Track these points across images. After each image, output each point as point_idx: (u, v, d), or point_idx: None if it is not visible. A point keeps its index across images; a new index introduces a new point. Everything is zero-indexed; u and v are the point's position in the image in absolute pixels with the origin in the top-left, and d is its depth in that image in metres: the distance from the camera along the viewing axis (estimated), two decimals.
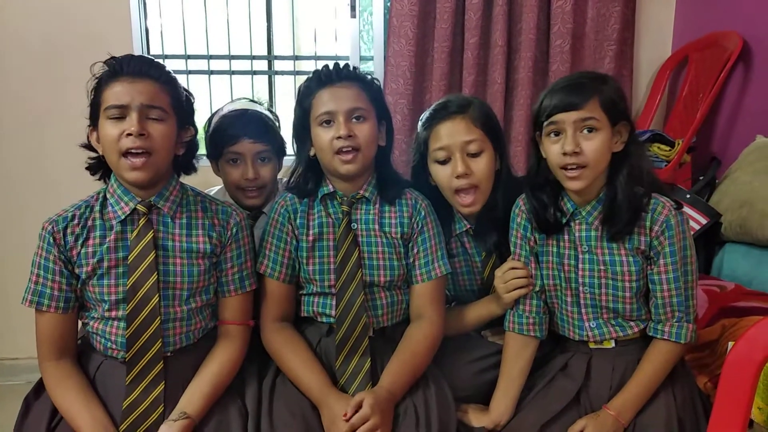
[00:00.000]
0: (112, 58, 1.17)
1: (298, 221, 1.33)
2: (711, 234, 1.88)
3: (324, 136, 1.28)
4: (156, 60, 1.20)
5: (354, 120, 1.28)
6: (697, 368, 1.37)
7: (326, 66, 1.31)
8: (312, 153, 1.33)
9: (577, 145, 1.16)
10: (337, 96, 1.27)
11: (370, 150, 1.31)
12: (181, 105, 1.21)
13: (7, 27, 2.21)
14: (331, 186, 1.34)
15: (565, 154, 1.16)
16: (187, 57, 2.45)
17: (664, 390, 1.22)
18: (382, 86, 1.41)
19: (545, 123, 1.20)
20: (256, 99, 1.76)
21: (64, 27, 2.23)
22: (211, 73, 2.47)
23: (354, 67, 1.33)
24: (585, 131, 1.16)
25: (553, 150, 1.20)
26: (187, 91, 1.26)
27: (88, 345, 1.24)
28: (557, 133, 1.19)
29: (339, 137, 1.25)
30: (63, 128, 2.25)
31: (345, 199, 1.34)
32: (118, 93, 1.12)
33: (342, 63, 1.32)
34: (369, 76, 1.35)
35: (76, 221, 1.19)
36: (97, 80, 1.16)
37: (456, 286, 1.50)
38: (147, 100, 1.13)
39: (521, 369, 1.30)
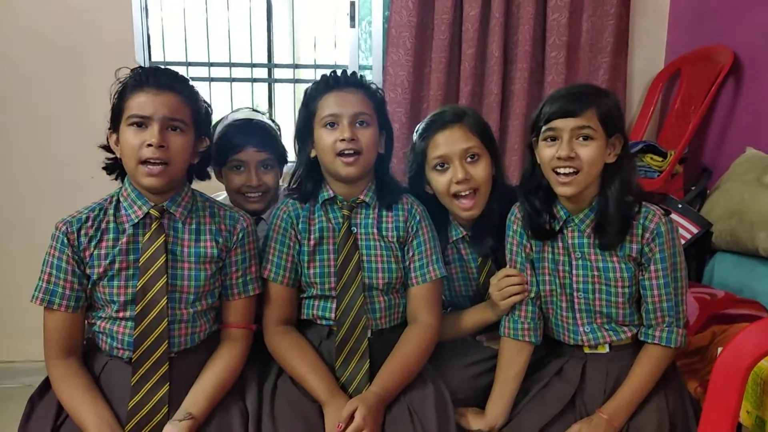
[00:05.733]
0: (140, 67, 1.21)
1: (300, 226, 1.36)
2: (702, 243, 1.92)
3: (327, 138, 1.31)
4: (181, 74, 1.24)
5: (358, 125, 1.31)
6: (688, 373, 1.40)
7: (334, 71, 1.35)
8: (313, 155, 1.36)
9: (572, 151, 1.19)
10: (343, 100, 1.31)
11: (370, 154, 1.34)
12: (201, 117, 1.25)
13: (8, 31, 2.22)
14: (331, 191, 1.37)
15: (559, 158, 1.20)
16: (188, 64, 2.47)
17: (656, 394, 1.25)
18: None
19: (543, 128, 1.23)
20: (257, 109, 1.79)
21: (65, 33, 2.24)
22: (211, 80, 2.50)
23: (361, 76, 1.37)
24: (581, 139, 1.19)
25: (547, 153, 1.23)
26: (206, 103, 1.29)
27: (93, 345, 1.26)
28: (554, 139, 1.22)
29: (342, 140, 1.28)
30: (63, 131, 2.27)
31: (345, 203, 1.37)
32: (142, 103, 1.16)
33: (350, 71, 1.36)
34: (374, 86, 1.39)
35: (90, 223, 1.21)
36: (122, 86, 1.19)
37: (452, 292, 1.53)
38: (169, 112, 1.16)
39: (516, 373, 1.32)
